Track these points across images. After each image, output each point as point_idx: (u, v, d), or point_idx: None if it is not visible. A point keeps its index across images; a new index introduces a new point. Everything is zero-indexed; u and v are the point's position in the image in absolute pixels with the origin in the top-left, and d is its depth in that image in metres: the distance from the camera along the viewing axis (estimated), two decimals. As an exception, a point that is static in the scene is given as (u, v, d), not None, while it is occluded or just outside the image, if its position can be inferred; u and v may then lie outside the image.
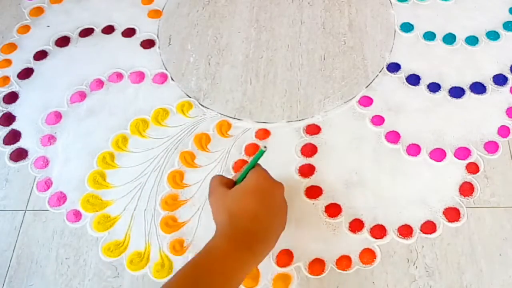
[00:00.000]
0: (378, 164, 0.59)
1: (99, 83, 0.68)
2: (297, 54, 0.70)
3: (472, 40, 0.70)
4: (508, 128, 0.62)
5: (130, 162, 0.61)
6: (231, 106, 0.66)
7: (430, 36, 0.71)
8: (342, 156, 0.60)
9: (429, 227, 0.55)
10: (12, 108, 0.67)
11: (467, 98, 0.65)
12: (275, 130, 0.63)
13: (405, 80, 0.67)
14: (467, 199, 0.57)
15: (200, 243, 0.54)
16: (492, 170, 0.59)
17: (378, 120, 0.63)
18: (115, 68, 0.70)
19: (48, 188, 0.60)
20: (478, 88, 0.65)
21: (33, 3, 0.78)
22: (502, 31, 0.71)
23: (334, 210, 0.56)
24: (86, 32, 0.74)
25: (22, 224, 0.58)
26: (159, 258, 0.54)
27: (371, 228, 0.55)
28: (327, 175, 0.59)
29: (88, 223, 0.57)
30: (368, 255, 0.53)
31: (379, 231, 0.55)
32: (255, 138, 0.62)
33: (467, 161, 0.59)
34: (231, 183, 0.49)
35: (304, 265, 0.53)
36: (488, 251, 0.53)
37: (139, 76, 0.69)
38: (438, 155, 0.60)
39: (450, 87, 0.66)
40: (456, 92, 0.65)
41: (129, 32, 0.74)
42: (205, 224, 0.56)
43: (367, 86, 0.66)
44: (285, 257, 0.53)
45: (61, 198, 0.59)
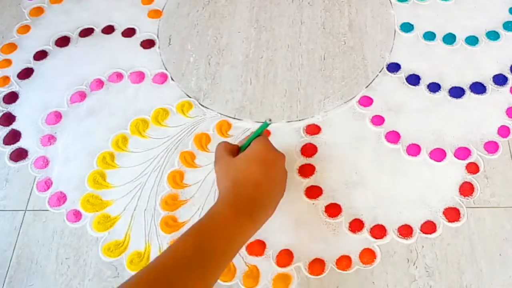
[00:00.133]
0: (378, 164, 0.59)
1: (99, 83, 0.68)
2: (297, 54, 0.70)
3: (472, 40, 0.70)
4: (508, 128, 0.62)
5: (130, 162, 0.61)
6: (231, 106, 0.66)
7: (430, 36, 0.71)
8: (342, 156, 0.60)
9: (429, 227, 0.55)
10: (12, 108, 0.67)
11: (467, 98, 0.65)
12: (275, 130, 0.63)
13: (405, 80, 0.67)
14: (467, 199, 0.57)
15: (200, 243, 0.55)
16: (492, 170, 0.59)
17: (378, 120, 0.63)
18: (115, 68, 0.70)
19: (48, 188, 0.60)
20: (478, 88, 0.65)
21: (33, 3, 0.78)
22: (502, 31, 0.71)
23: (334, 210, 0.56)
24: (86, 32, 0.74)
25: (22, 224, 0.58)
26: (159, 258, 0.54)
27: (371, 228, 0.55)
28: (327, 175, 0.59)
29: (88, 223, 0.57)
30: (368, 255, 0.53)
31: (379, 231, 0.55)
32: (255, 138, 0.62)
33: (467, 161, 0.59)
34: (236, 149, 0.52)
35: (304, 265, 0.53)
36: (488, 251, 0.53)
37: (139, 76, 0.69)
38: (438, 155, 0.60)
39: (450, 87, 0.66)
40: (456, 92, 0.65)
41: (129, 32, 0.74)
42: (205, 224, 0.56)
43: (367, 86, 0.66)
44: (285, 257, 0.53)
45: (61, 198, 0.59)
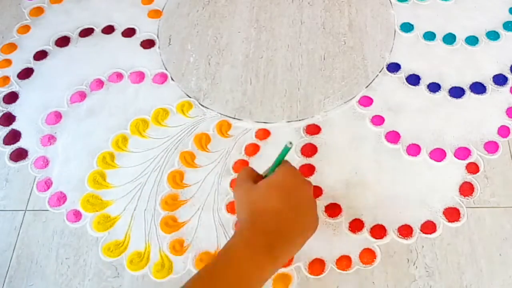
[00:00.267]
0: (378, 164, 0.59)
1: (99, 83, 0.68)
2: (297, 54, 0.70)
3: (472, 40, 0.70)
4: (508, 128, 0.62)
5: (130, 162, 0.61)
6: (231, 106, 0.66)
7: (430, 36, 0.71)
8: (342, 156, 0.60)
9: (429, 227, 0.55)
10: (12, 108, 0.67)
11: (467, 98, 0.65)
12: (275, 130, 0.63)
13: (405, 80, 0.67)
14: (467, 199, 0.57)
15: (200, 243, 0.55)
16: (492, 170, 0.59)
17: (378, 120, 0.63)
18: (115, 68, 0.70)
19: (48, 188, 0.60)
20: (478, 88, 0.65)
21: (33, 3, 0.78)
22: (502, 31, 0.71)
23: (334, 210, 0.56)
24: (86, 32, 0.74)
25: (22, 224, 0.57)
26: (159, 258, 0.54)
27: (371, 228, 0.55)
28: (327, 175, 0.59)
29: (88, 223, 0.57)
30: (368, 255, 0.53)
31: (379, 231, 0.55)
32: (255, 138, 0.62)
33: (467, 161, 0.59)
34: (260, 178, 0.47)
35: (304, 265, 0.53)
36: (488, 251, 0.53)
37: (139, 76, 0.69)
38: (438, 155, 0.60)
39: (450, 87, 0.66)
40: (456, 92, 0.65)
41: (129, 32, 0.74)
42: (205, 224, 0.56)
43: (367, 86, 0.66)
44: (285, 257, 0.53)
45: (61, 198, 0.59)
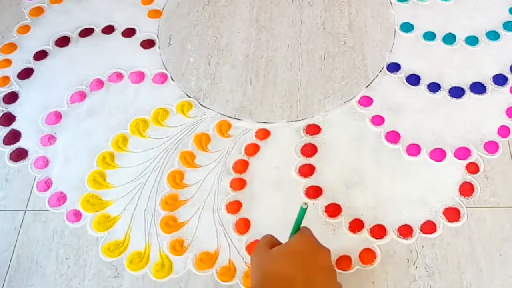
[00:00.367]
0: (378, 164, 0.59)
1: (99, 83, 0.68)
2: (297, 54, 0.70)
3: (472, 40, 0.70)
4: (508, 128, 0.62)
5: (130, 162, 0.61)
6: (231, 106, 0.66)
7: (430, 36, 0.71)
8: (342, 156, 0.60)
9: (429, 227, 0.55)
10: (12, 108, 0.67)
11: (467, 98, 0.65)
12: (275, 130, 0.63)
13: (405, 80, 0.67)
14: (467, 199, 0.57)
15: (200, 243, 0.55)
16: (492, 170, 0.59)
17: (378, 120, 0.63)
18: (115, 68, 0.70)
19: (48, 188, 0.60)
20: (478, 88, 0.65)
21: (33, 3, 0.78)
22: (502, 31, 0.71)
23: (334, 210, 0.56)
24: (86, 32, 0.74)
25: (22, 224, 0.57)
26: (159, 258, 0.54)
27: (371, 228, 0.55)
28: (327, 175, 0.59)
29: (88, 223, 0.57)
30: (368, 255, 0.53)
31: (379, 231, 0.55)
32: (255, 138, 0.62)
33: (467, 161, 0.59)
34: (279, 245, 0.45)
35: (304, 265, 0.53)
36: (488, 251, 0.53)
37: (139, 76, 0.69)
38: (438, 155, 0.60)
39: (450, 87, 0.66)
40: (456, 92, 0.65)
41: (129, 32, 0.74)
42: (205, 224, 0.56)
43: (367, 86, 0.66)
44: (285, 257, 0.53)
45: (61, 198, 0.59)
